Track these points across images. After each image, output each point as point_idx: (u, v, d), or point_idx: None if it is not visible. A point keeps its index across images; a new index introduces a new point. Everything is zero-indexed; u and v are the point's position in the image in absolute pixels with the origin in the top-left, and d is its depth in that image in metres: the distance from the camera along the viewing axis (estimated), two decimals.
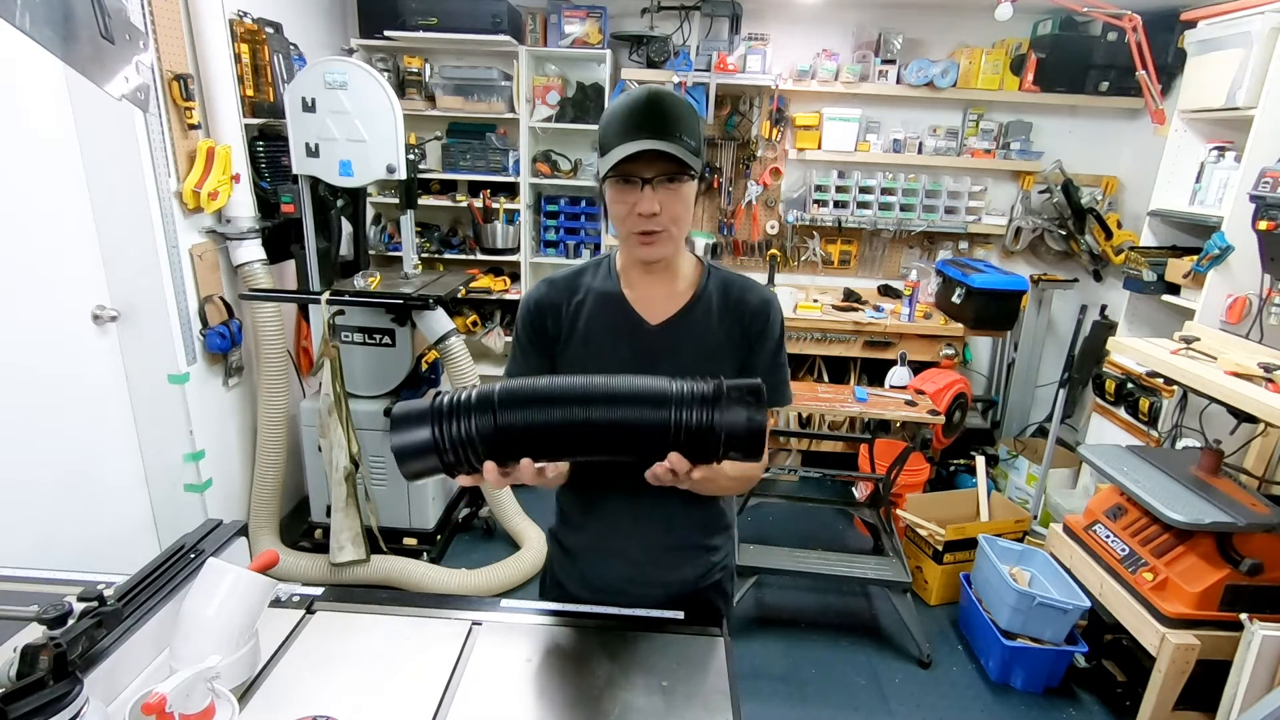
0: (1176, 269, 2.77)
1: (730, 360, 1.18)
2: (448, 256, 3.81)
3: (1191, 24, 2.78)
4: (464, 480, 0.95)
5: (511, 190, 3.74)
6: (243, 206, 2.64)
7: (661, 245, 1.09)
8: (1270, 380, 1.87)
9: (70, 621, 0.87)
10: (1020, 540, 2.75)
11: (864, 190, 3.71)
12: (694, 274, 1.20)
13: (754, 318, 1.18)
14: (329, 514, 2.71)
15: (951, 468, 3.65)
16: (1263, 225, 2.09)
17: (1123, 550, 2.17)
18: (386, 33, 3.40)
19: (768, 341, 1.19)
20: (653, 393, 0.92)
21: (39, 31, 0.86)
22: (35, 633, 0.83)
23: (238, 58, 2.63)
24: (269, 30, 2.81)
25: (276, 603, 1.20)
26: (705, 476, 0.95)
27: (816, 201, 3.73)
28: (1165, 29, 3.11)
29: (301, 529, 2.99)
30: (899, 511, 2.98)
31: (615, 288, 1.18)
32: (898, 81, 3.52)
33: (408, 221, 2.87)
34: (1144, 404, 2.80)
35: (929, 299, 3.77)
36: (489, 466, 0.91)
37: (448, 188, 3.81)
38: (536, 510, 3.07)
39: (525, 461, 0.93)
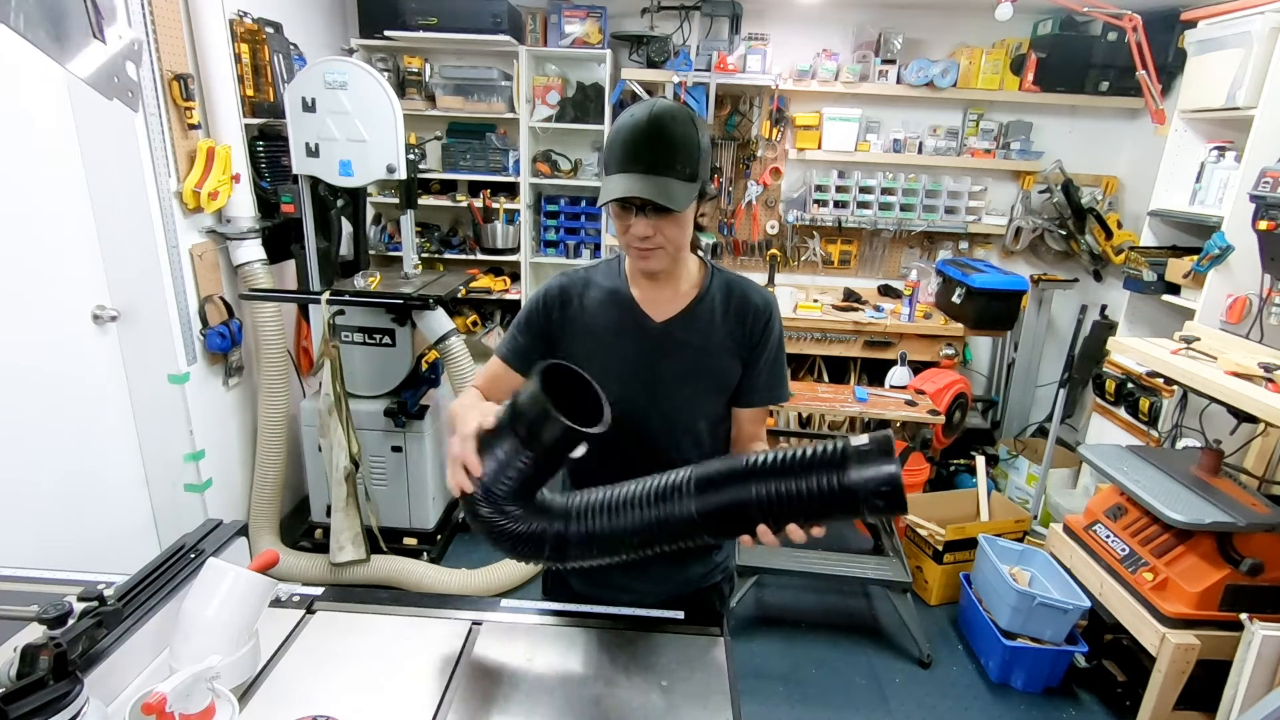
0: (1176, 269, 2.77)
1: (732, 358, 1.21)
2: (448, 256, 3.81)
3: (1191, 24, 2.78)
4: None
5: (511, 190, 3.74)
6: (243, 206, 2.64)
7: (657, 259, 1.13)
8: (1270, 380, 1.87)
9: (70, 621, 0.87)
10: (1020, 540, 2.75)
11: (864, 190, 3.70)
12: (698, 274, 1.23)
13: (756, 318, 1.21)
14: (329, 514, 2.71)
15: (951, 468, 3.65)
16: (1263, 225, 2.09)
17: (1123, 550, 2.17)
18: (386, 33, 3.40)
19: (770, 341, 1.22)
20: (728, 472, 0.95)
21: (33, 32, 0.86)
22: (35, 633, 0.84)
23: (238, 58, 2.63)
24: (269, 30, 2.81)
25: (276, 603, 1.20)
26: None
27: (816, 201, 3.73)
28: (1165, 29, 3.11)
29: (301, 529, 3.00)
30: None
31: (623, 286, 1.22)
32: (898, 81, 3.51)
33: (408, 221, 2.87)
34: (1144, 404, 2.80)
35: (929, 299, 3.77)
36: None
37: (448, 188, 3.81)
38: None
39: None
